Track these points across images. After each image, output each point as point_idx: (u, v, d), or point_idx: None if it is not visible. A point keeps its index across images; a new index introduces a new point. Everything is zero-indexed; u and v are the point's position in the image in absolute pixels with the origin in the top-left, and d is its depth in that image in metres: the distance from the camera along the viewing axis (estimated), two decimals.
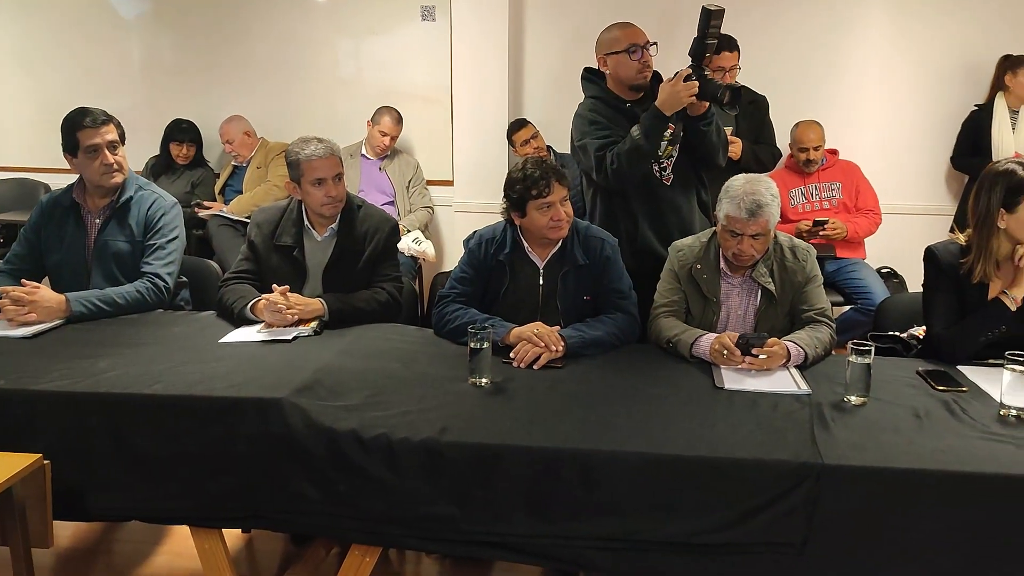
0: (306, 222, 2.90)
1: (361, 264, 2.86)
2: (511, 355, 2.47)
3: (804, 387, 2.31)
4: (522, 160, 2.66)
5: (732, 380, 2.36)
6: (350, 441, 2.03)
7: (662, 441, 2.00)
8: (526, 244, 2.72)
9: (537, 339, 2.47)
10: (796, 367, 2.46)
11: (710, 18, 2.76)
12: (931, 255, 2.62)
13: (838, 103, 4.77)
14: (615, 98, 3.09)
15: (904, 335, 2.86)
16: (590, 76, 3.16)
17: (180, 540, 2.88)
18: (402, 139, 4.94)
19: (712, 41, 2.82)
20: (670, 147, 3.05)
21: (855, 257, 4.31)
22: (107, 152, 2.88)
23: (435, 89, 5.06)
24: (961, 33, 4.67)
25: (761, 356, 2.40)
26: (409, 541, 2.11)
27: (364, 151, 4.88)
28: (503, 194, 2.68)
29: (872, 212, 4.41)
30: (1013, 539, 1.88)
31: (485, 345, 2.30)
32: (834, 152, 4.52)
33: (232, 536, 2.88)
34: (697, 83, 2.82)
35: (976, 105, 4.62)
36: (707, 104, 2.94)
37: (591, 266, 2.69)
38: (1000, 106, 4.48)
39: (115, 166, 2.91)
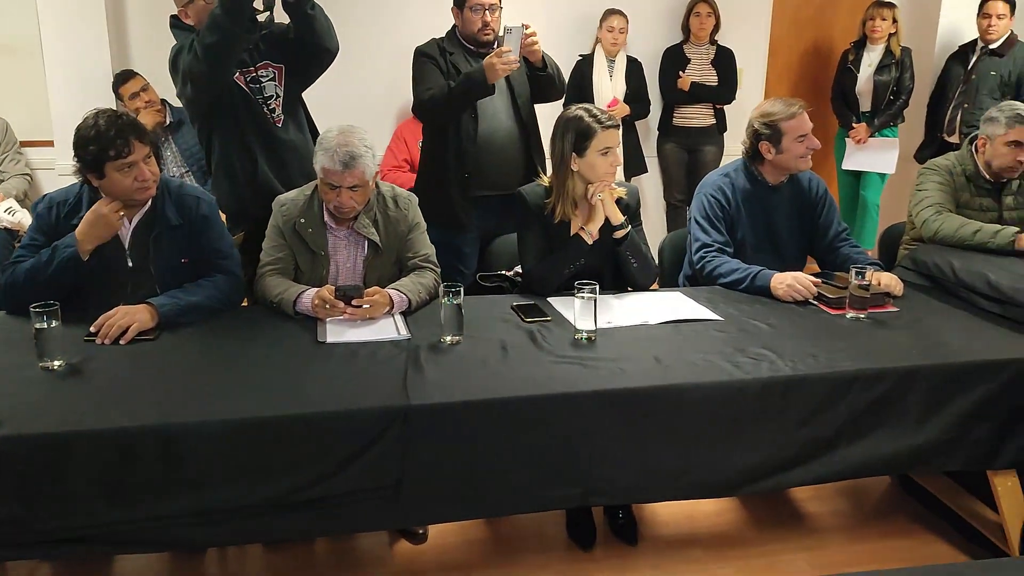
0: None
1: None
2: (92, 329, 2.26)
3: (405, 332, 2.37)
4: (92, 114, 2.39)
5: (335, 333, 2.36)
6: None
7: (252, 404, 1.95)
8: None
9: (122, 313, 2.28)
10: (401, 314, 2.52)
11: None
12: (520, 197, 2.81)
13: None
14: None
15: (511, 273, 3.05)
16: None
17: None
18: None
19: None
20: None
21: None
22: None
23: (19, 38, 4.41)
24: None
25: (365, 306, 2.43)
26: None
27: None
28: (74, 154, 2.40)
29: None
30: (582, 449, 2.09)
31: (54, 324, 2.07)
32: None
33: None
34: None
35: (581, 55, 5.01)
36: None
37: (187, 226, 2.52)
38: (599, 56, 4.90)
39: None
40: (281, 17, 2.91)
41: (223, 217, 2.85)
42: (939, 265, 2.82)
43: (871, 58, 4.89)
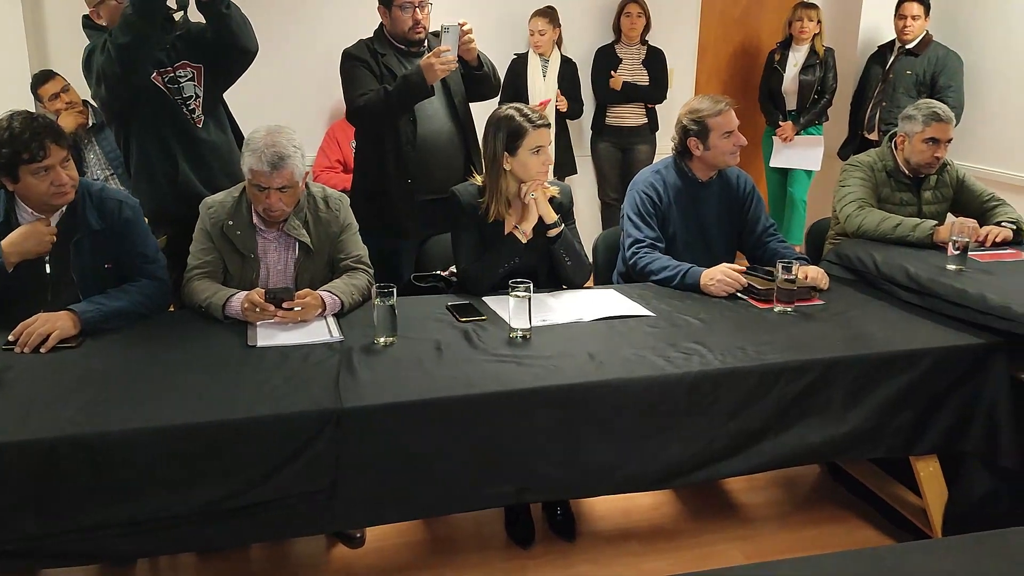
0: None
1: None
2: (10, 338, 2.19)
3: (337, 334, 2.35)
4: (6, 115, 2.31)
5: (266, 337, 2.32)
6: None
7: (180, 410, 1.91)
8: (22, 210, 2.39)
9: (42, 320, 2.20)
10: (333, 315, 2.49)
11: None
12: (454, 197, 2.80)
13: None
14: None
15: (446, 273, 3.04)
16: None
17: None
18: None
19: None
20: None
21: None
22: None
23: None
24: None
25: (296, 308, 2.39)
26: None
27: None
28: None
29: None
30: (517, 446, 2.10)
31: None
32: None
33: None
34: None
35: (516, 54, 5.02)
36: None
37: (109, 230, 2.45)
38: (532, 55, 4.93)
39: None
40: (199, 17, 2.85)
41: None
42: (862, 258, 2.90)
43: (796, 58, 5.02)
